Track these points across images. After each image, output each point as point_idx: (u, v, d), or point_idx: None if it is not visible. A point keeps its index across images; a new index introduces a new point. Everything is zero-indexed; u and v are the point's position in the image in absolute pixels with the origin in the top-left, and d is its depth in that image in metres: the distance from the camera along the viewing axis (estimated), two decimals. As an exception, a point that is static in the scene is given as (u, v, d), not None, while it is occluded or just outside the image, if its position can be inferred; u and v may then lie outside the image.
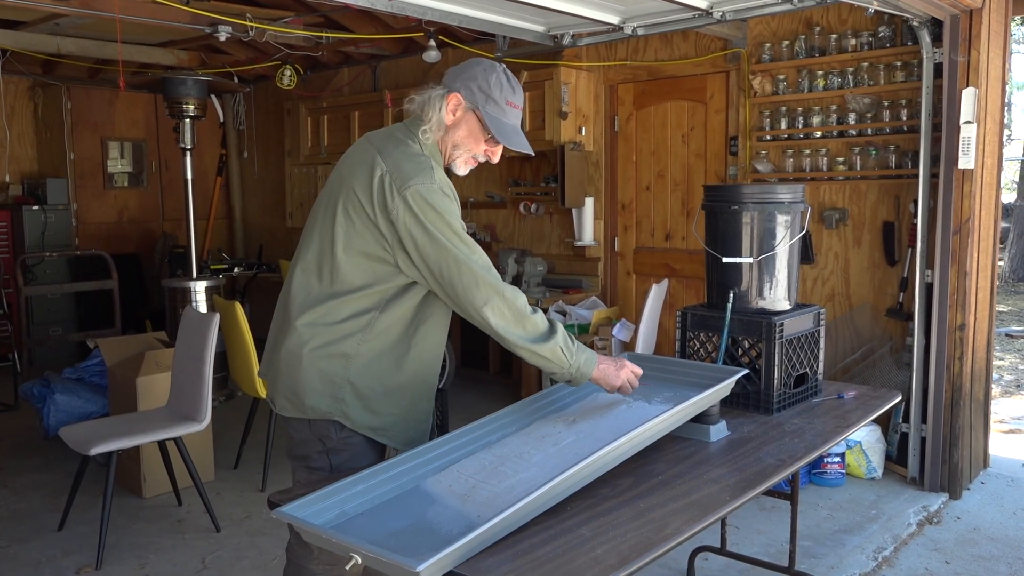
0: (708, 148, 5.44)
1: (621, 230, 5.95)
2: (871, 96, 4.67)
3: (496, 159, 2.21)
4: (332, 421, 2.12)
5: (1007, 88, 4.53)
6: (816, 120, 4.86)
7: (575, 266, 6.11)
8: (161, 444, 3.99)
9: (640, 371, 2.26)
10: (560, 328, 2.11)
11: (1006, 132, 12.44)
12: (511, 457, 2.03)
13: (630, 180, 5.87)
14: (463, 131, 2.14)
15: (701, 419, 2.31)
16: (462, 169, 2.19)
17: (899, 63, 4.55)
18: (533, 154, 2.20)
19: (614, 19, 4.67)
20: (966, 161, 4.03)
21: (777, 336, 2.58)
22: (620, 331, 5.32)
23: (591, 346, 5.30)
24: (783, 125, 4.99)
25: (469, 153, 2.17)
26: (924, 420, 4.29)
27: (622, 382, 2.20)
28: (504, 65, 2.18)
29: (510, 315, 2.05)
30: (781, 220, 2.67)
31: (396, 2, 4.15)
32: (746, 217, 2.68)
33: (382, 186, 2.02)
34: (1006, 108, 5.25)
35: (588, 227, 5.93)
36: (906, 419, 4.39)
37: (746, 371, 2.47)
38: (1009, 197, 13.90)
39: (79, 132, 7.63)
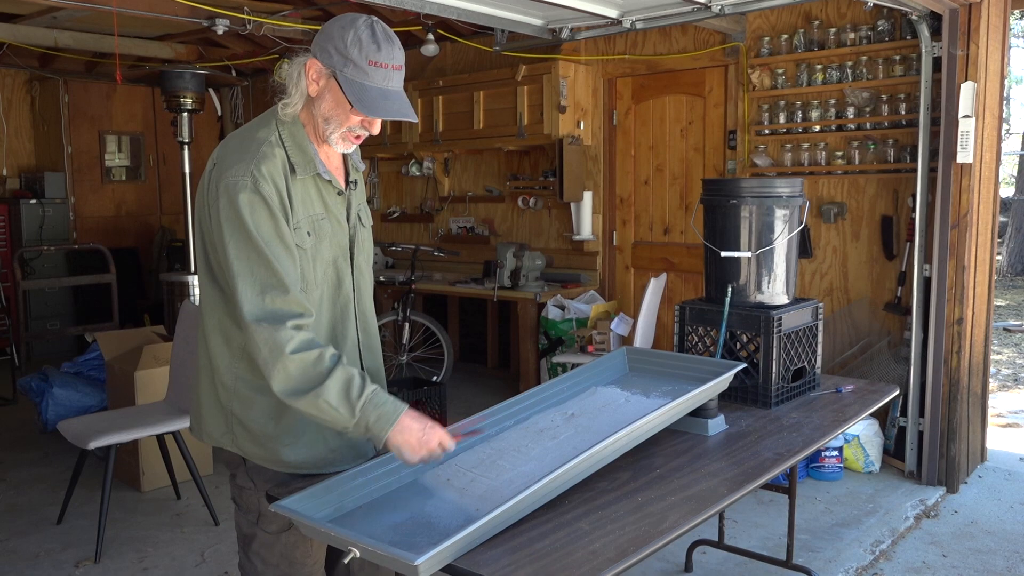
0: (707, 142, 5.43)
1: (619, 224, 5.95)
2: (870, 90, 4.66)
3: (375, 130, 1.88)
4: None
5: (1006, 82, 4.53)
6: (815, 114, 4.86)
7: (573, 260, 6.11)
8: (159, 438, 3.99)
9: (451, 444, 1.81)
10: (338, 376, 1.72)
11: (1004, 126, 12.44)
12: (509, 451, 2.03)
13: (628, 174, 5.87)
14: (328, 101, 1.82)
15: (699, 413, 2.32)
16: (341, 146, 1.88)
17: (898, 57, 4.55)
18: (415, 120, 1.86)
19: (612, 13, 4.66)
20: (964, 155, 4.03)
21: (775, 330, 2.58)
22: (618, 325, 5.32)
23: (588, 341, 5.30)
24: (782, 119, 4.99)
25: (342, 127, 1.84)
26: (922, 414, 4.30)
27: (419, 460, 1.78)
28: (374, 18, 1.82)
29: (267, 350, 1.71)
30: (779, 214, 2.68)
31: (394, -5, 4.13)
32: (744, 211, 2.68)
33: (209, 179, 1.82)
34: (1004, 102, 5.25)
35: (586, 221, 5.93)
36: (904, 413, 4.40)
37: (744, 365, 2.47)
38: (1007, 191, 13.90)
39: (76, 126, 7.62)
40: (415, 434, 1.75)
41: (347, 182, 1.98)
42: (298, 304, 1.76)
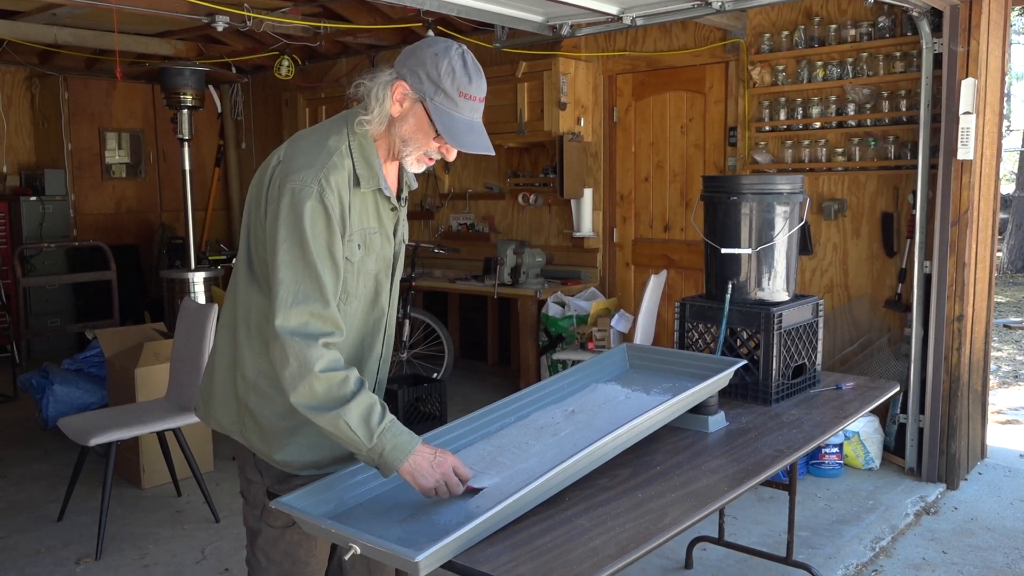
0: (707, 139, 5.43)
1: (620, 221, 5.94)
2: (870, 87, 4.66)
3: (452, 156, 1.90)
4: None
5: (1006, 78, 4.53)
6: (815, 111, 4.85)
7: (574, 257, 6.11)
8: (160, 435, 3.99)
9: (468, 473, 1.81)
10: (361, 400, 1.73)
11: (1005, 123, 12.43)
12: (510, 448, 2.03)
13: (629, 171, 5.86)
14: (411, 124, 1.84)
15: (699, 410, 2.32)
16: (415, 166, 1.92)
17: (899, 53, 4.54)
18: (493, 153, 1.89)
19: (613, 9, 4.65)
20: (965, 152, 4.02)
21: (776, 327, 2.58)
22: (618, 322, 5.32)
23: (589, 338, 5.31)
24: (782, 116, 4.98)
25: (420, 150, 1.87)
26: (922, 411, 4.30)
27: (434, 484, 1.75)
28: (464, 47, 1.83)
29: (296, 365, 1.71)
30: (780, 211, 2.67)
31: (394, -8, 4.12)
32: (745, 208, 2.68)
33: (272, 174, 1.82)
34: (1005, 99, 5.24)
35: (587, 218, 5.93)
36: (904, 410, 4.40)
37: (744, 362, 2.47)
38: (1008, 188, 13.89)
39: (77, 123, 7.61)
40: (427, 458, 1.76)
41: (399, 198, 1.99)
42: (333, 322, 1.76)
